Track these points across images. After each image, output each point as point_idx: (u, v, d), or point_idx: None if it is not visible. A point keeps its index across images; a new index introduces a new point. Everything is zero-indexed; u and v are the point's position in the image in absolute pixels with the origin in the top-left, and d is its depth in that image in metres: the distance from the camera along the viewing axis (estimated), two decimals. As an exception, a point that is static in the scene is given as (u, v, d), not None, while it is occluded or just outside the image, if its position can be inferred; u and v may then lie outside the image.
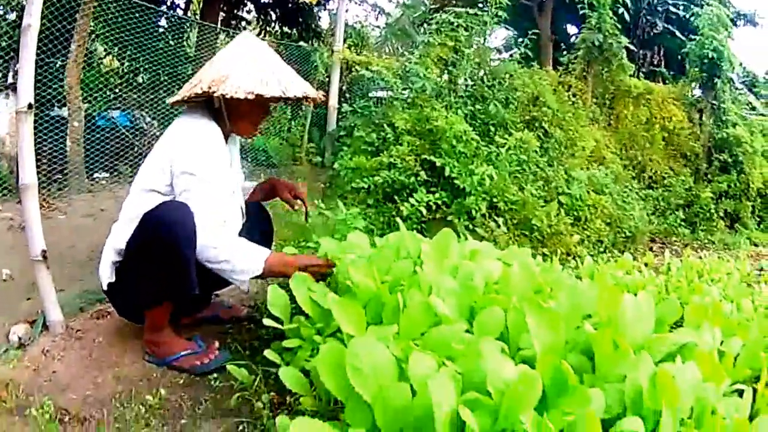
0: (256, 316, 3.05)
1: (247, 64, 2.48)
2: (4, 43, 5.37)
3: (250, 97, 2.38)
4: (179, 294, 2.45)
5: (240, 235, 2.64)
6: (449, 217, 4.72)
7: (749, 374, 2.42)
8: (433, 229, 4.09)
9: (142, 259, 2.39)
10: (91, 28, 5.65)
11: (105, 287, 2.61)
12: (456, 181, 4.81)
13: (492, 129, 5.90)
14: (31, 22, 2.56)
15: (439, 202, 4.81)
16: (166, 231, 2.28)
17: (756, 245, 8.17)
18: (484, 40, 7.12)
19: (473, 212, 4.75)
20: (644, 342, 2.15)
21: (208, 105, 2.59)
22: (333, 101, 7.02)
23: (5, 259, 3.62)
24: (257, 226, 2.98)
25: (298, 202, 3.16)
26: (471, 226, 4.71)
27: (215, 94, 2.40)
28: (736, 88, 10.62)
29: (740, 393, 2.12)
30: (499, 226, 4.86)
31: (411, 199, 4.72)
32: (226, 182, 2.58)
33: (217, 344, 2.67)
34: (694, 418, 1.85)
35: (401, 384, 1.66)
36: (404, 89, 5.80)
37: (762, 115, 11.39)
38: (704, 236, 8.13)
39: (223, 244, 2.38)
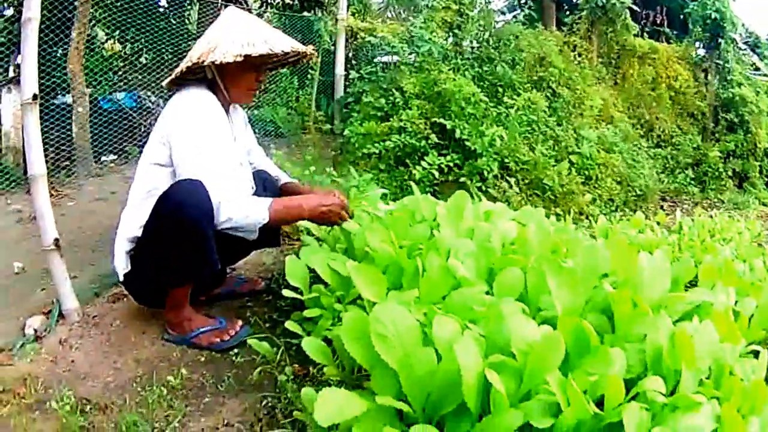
0: (274, 287, 3.02)
1: (234, 32, 2.48)
2: (3, 39, 5.32)
3: (239, 59, 2.36)
4: (201, 272, 2.43)
5: None
6: (461, 179, 4.75)
7: (764, 335, 2.44)
8: (446, 192, 4.12)
9: (160, 242, 2.35)
10: (91, 13, 5.58)
11: (121, 278, 2.58)
12: (467, 143, 4.83)
13: (500, 90, 5.90)
14: (31, 15, 2.53)
15: (451, 164, 4.83)
16: (181, 210, 2.24)
17: (765, 205, 8.17)
18: (488, 2, 7.08)
19: (485, 173, 4.77)
20: (661, 301, 2.16)
21: (203, 80, 2.58)
22: (339, 69, 6.98)
23: (16, 252, 3.55)
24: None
25: None
26: (483, 187, 4.74)
27: (205, 63, 2.40)
28: (740, 49, 10.55)
29: (755, 354, 2.13)
30: (511, 187, 4.88)
31: (423, 162, 4.73)
32: (228, 151, 2.51)
33: (240, 322, 2.63)
34: (712, 379, 1.86)
35: (426, 349, 1.66)
36: (410, 54, 5.77)
37: (765, 75, 11.29)
38: (714, 195, 8.17)
39: (223, 204, 2.30)
